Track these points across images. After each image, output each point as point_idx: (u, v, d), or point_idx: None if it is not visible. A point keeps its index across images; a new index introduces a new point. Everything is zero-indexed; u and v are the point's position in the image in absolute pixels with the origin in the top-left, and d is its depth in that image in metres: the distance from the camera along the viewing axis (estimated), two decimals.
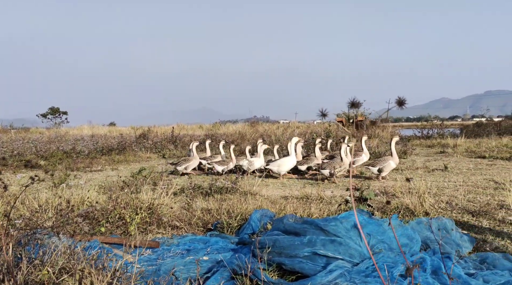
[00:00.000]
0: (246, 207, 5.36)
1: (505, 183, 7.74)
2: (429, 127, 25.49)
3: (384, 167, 8.57)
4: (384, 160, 8.70)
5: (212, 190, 7.15)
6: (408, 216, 5.43)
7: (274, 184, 8.83)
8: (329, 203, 6.25)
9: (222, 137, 18.77)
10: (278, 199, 6.54)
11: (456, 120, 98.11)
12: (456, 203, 6.10)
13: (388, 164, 8.55)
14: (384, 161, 8.65)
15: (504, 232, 4.65)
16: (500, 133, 21.05)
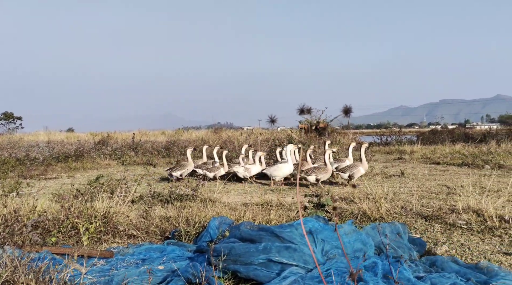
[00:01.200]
0: (205, 214, 5.31)
1: (456, 188, 8.07)
2: (388, 134, 26.30)
3: (354, 173, 8.70)
4: (354, 166, 8.84)
5: (172, 197, 7.03)
6: (365, 221, 5.55)
7: (235, 190, 8.80)
8: (289, 209, 6.29)
9: (185, 143, 18.55)
10: (238, 206, 6.52)
11: (413, 127, 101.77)
12: (411, 207, 6.28)
13: (358, 170, 8.70)
14: (354, 167, 8.79)
15: (454, 235, 4.84)
16: (453, 140, 21.99)
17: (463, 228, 5.12)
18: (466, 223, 5.29)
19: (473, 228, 5.07)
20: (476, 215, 5.53)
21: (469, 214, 5.55)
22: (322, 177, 8.75)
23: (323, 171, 8.77)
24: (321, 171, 8.77)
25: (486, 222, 5.20)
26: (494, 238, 4.69)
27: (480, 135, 23.06)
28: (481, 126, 46.53)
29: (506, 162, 12.04)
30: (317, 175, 8.71)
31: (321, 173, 8.73)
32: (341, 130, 30.05)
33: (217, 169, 10.14)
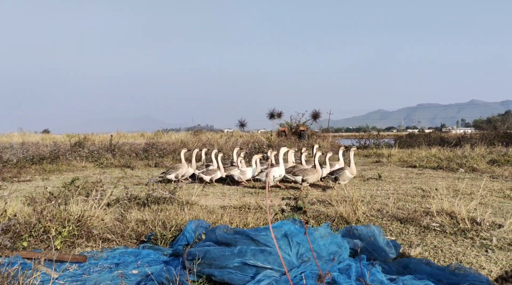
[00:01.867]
0: (182, 217, 5.26)
1: (431, 191, 8.24)
2: (367, 137, 26.68)
3: (339, 176, 8.72)
4: (340, 169, 8.88)
5: (149, 200, 6.95)
6: (342, 223, 5.60)
7: (214, 193, 8.76)
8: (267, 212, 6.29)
9: (163, 146, 18.38)
10: (216, 209, 6.49)
11: (392, 131, 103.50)
12: (387, 210, 6.37)
13: (344, 173, 8.69)
14: (340, 170, 8.82)
15: (427, 238, 4.93)
16: (429, 144, 22.44)
17: (436, 230, 5.22)
18: (439, 225, 5.39)
19: (446, 230, 5.18)
20: (450, 217, 5.65)
21: (442, 217, 5.66)
22: (309, 178, 8.76)
23: (310, 173, 8.78)
24: (308, 172, 8.79)
25: (459, 224, 5.32)
26: (466, 240, 4.80)
27: (455, 140, 23.60)
28: (456, 130, 47.65)
29: (479, 166, 12.34)
30: (304, 176, 8.73)
31: (309, 175, 8.75)
32: (320, 133, 30.33)
33: (214, 172, 10.10)
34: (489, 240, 4.73)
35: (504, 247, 4.48)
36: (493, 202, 7.31)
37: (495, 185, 9.23)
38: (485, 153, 15.80)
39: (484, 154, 15.45)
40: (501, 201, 7.44)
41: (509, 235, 4.85)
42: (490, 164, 13.12)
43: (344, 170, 8.76)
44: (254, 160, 9.91)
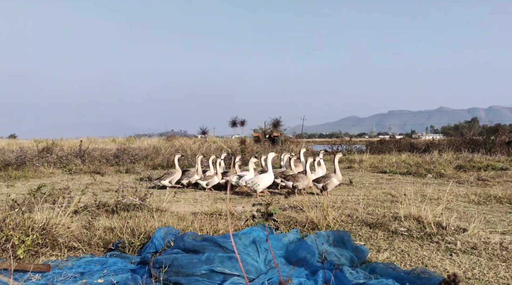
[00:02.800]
0: (151, 224, 5.17)
1: (400, 196, 8.41)
2: (339, 143, 27.06)
3: (327, 184, 8.69)
4: (327, 176, 8.81)
5: (118, 207, 6.82)
6: (313, 229, 5.64)
7: (186, 199, 8.67)
8: (239, 219, 6.27)
9: (135, 151, 18.09)
10: (187, 215, 6.41)
11: (364, 137, 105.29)
12: (357, 215, 6.46)
13: (331, 181, 8.67)
14: (327, 177, 8.76)
15: (395, 242, 5.02)
16: (400, 150, 22.96)
17: (404, 235, 5.33)
18: (407, 230, 5.50)
19: (413, 235, 5.29)
20: (417, 222, 5.78)
21: (410, 221, 5.78)
22: (299, 184, 8.72)
23: (301, 179, 8.74)
24: (299, 178, 8.76)
25: (425, 228, 5.44)
26: (432, 244, 4.91)
27: (424, 146, 24.23)
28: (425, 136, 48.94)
29: (446, 171, 12.69)
30: (294, 182, 8.72)
31: (299, 181, 8.73)
32: (294, 139, 30.57)
33: (211, 177, 10.04)
34: (453, 244, 4.86)
35: (468, 251, 4.61)
36: (458, 206, 7.53)
37: (461, 190, 9.51)
38: (452, 158, 16.27)
39: (451, 159, 15.91)
40: (466, 205, 7.67)
41: (473, 239, 5.00)
42: (457, 169, 13.53)
43: (331, 177, 8.70)
44: (251, 165, 9.72)
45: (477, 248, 4.68)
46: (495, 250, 4.59)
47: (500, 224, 6.15)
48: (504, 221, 6.32)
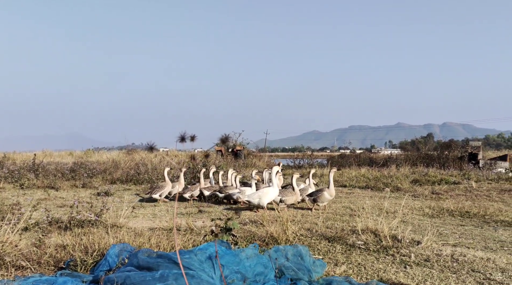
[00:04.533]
0: (106, 241, 4.99)
1: (359, 210, 8.58)
2: (301, 157, 27.40)
3: (318, 197, 8.66)
4: (319, 191, 8.81)
5: (72, 223, 6.55)
6: (272, 243, 5.63)
7: (144, 215, 8.46)
8: (198, 234, 6.17)
9: (93, 165, 17.54)
10: (145, 231, 6.25)
11: (325, 151, 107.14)
12: (316, 229, 6.52)
13: (322, 195, 8.63)
14: (319, 192, 8.77)
15: (353, 256, 5.09)
16: (359, 164, 23.51)
17: (361, 248, 5.41)
18: (364, 243, 5.60)
19: (370, 248, 5.39)
20: (374, 235, 5.89)
21: (367, 235, 5.89)
22: (288, 199, 8.67)
23: (289, 194, 8.70)
24: (287, 193, 8.71)
25: (382, 242, 5.56)
26: (387, 257, 5.02)
27: (382, 160, 24.94)
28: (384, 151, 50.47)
29: (402, 185, 13.09)
30: (283, 197, 8.68)
31: (287, 196, 8.68)
32: (257, 153, 30.65)
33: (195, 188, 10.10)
34: (408, 256, 4.99)
35: (421, 263, 4.74)
36: (413, 219, 7.76)
37: (416, 203, 9.83)
38: (409, 173, 16.82)
39: (408, 174, 16.44)
40: (421, 218, 7.92)
41: (426, 251, 5.15)
42: (413, 183, 13.99)
43: (323, 191, 8.69)
44: (254, 180, 9.60)
45: (430, 260, 4.83)
46: (447, 262, 4.74)
47: (452, 236, 6.39)
48: (456, 233, 6.57)
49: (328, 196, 8.65)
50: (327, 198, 8.68)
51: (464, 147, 22.92)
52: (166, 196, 10.39)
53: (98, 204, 8.32)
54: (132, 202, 9.66)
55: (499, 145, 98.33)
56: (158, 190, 10.11)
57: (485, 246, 5.73)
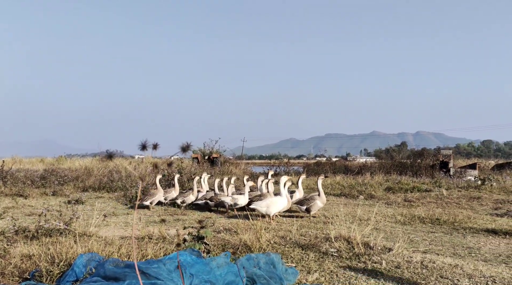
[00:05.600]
0: (74, 250, 4.86)
1: (333, 218, 8.65)
2: (277, 165, 27.48)
3: (311, 206, 8.65)
4: (311, 198, 8.76)
5: (40, 232, 6.35)
6: (246, 251, 5.60)
7: (116, 223, 8.29)
8: (171, 242, 6.08)
9: (65, 172, 17.11)
10: (116, 240, 6.11)
11: (302, 158, 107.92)
12: (290, 237, 6.51)
13: (315, 203, 8.64)
14: (311, 199, 8.72)
15: (325, 263, 5.10)
16: (334, 172, 23.75)
17: (334, 256, 5.44)
18: (337, 250, 5.63)
19: (342, 255, 5.42)
20: (347, 242, 5.93)
21: (340, 242, 5.92)
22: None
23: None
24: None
25: (354, 249, 5.60)
26: (359, 264, 5.06)
27: (357, 168, 25.27)
28: (359, 159, 51.22)
29: (376, 193, 13.28)
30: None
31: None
32: (234, 160, 30.59)
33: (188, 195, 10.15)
34: (379, 263, 5.04)
35: (392, 270, 4.79)
36: (385, 227, 7.87)
37: (389, 210, 9.98)
38: (383, 180, 17.09)
39: (382, 181, 16.70)
40: (393, 226, 8.04)
41: (397, 258, 5.22)
42: (386, 191, 14.22)
43: (315, 200, 8.68)
44: (247, 187, 9.63)
45: (400, 267, 4.89)
46: (417, 268, 4.81)
47: (422, 243, 6.50)
48: (426, 240, 6.69)
49: (320, 204, 8.75)
50: (319, 206, 8.77)
51: (435, 155, 23.45)
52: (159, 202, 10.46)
53: (68, 212, 8.11)
54: (103, 210, 9.45)
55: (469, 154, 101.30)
56: (149, 197, 10.11)
57: (454, 253, 5.85)
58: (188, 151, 2.05)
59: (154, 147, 2.04)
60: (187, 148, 2.04)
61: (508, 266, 5.09)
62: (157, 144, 2.06)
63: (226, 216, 9.27)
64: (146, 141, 2.07)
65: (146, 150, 2.10)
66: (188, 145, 2.04)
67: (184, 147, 2.03)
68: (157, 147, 2.05)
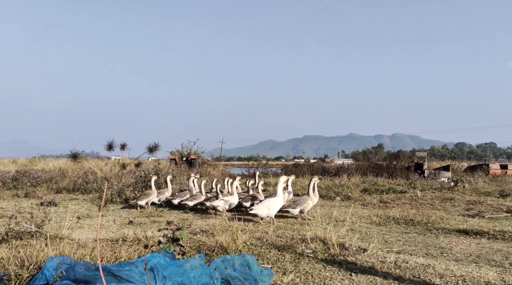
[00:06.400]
0: (45, 253, 4.74)
1: (310, 219, 8.70)
2: (256, 166, 27.50)
3: (304, 207, 8.70)
4: (304, 200, 8.80)
5: (10, 235, 6.17)
6: (222, 253, 5.57)
7: (90, 225, 8.13)
8: (146, 245, 6.00)
9: (38, 174, 16.69)
10: (89, 243, 5.99)
11: (280, 160, 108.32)
12: (267, 238, 6.52)
13: (308, 204, 8.75)
14: (304, 201, 8.76)
15: (301, 264, 5.13)
16: (312, 173, 23.92)
17: (310, 257, 5.47)
18: (313, 251, 5.66)
19: (318, 256, 5.45)
20: (323, 243, 5.97)
21: (316, 243, 5.96)
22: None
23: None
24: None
25: (330, 250, 5.65)
26: (334, 265, 5.10)
27: (334, 170, 25.54)
28: (337, 161, 51.79)
29: (353, 194, 13.44)
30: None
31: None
32: (212, 162, 30.47)
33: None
34: (354, 264, 5.09)
35: (366, 271, 4.85)
36: (361, 227, 7.96)
37: (364, 212, 10.11)
38: (359, 182, 17.31)
39: (358, 183, 16.92)
40: (368, 226, 8.15)
41: (371, 259, 5.28)
42: (363, 192, 14.41)
43: (307, 201, 8.78)
44: (234, 187, 9.72)
45: (374, 267, 4.95)
46: (390, 268, 4.88)
47: (396, 243, 6.61)
48: (400, 241, 6.80)
49: (312, 204, 8.99)
50: (311, 205, 9.02)
51: (411, 157, 23.91)
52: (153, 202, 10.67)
53: (40, 214, 7.92)
54: (77, 212, 9.26)
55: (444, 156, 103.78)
56: (145, 197, 10.38)
57: (427, 253, 5.97)
58: (155, 151, 2.02)
59: (122, 147, 2.00)
60: (155, 148, 2.01)
61: (478, 266, 5.22)
62: (125, 144, 2.02)
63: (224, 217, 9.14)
64: (112, 141, 2.02)
65: (113, 150, 2.05)
66: (156, 145, 2.00)
67: (151, 147, 2.00)
68: (124, 147, 2.01)
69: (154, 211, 10.15)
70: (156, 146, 1.98)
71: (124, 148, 2.00)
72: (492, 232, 7.39)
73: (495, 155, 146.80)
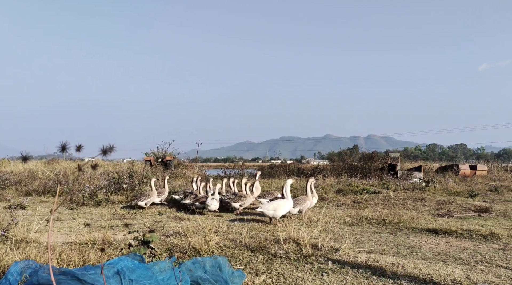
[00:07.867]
0: (9, 258, 4.59)
1: (283, 220, 8.73)
2: (232, 167, 27.43)
3: (303, 208, 8.88)
4: (302, 200, 8.91)
5: None
6: (194, 255, 5.52)
7: (60, 228, 7.94)
8: (117, 248, 5.89)
9: (6, 176, 16.18)
10: (57, 246, 5.84)
11: (257, 161, 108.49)
12: (240, 240, 6.50)
13: (306, 205, 8.93)
14: (302, 201, 8.87)
15: (273, 265, 5.14)
16: (288, 174, 24.05)
17: (282, 257, 5.48)
18: (285, 252, 5.68)
19: (291, 257, 5.48)
20: (295, 244, 6.00)
21: (289, 244, 5.98)
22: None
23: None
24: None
25: (302, 250, 5.68)
26: (306, 265, 5.13)
27: (310, 170, 25.73)
28: (313, 162, 52.30)
29: (327, 195, 13.56)
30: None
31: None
32: (188, 163, 30.22)
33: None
34: (326, 264, 5.14)
35: (337, 270, 4.90)
36: (334, 228, 8.05)
37: (338, 212, 10.22)
38: (334, 183, 17.48)
39: (333, 184, 17.08)
40: (341, 227, 8.23)
41: (343, 258, 5.34)
42: (337, 193, 14.56)
43: (305, 201, 8.94)
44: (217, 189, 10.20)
45: (345, 267, 5.01)
46: (361, 268, 4.95)
47: (368, 243, 6.70)
48: (372, 241, 6.90)
49: (309, 204, 9.15)
50: (309, 205, 9.17)
51: (384, 158, 24.32)
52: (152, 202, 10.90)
53: (6, 217, 7.68)
54: (47, 215, 9.02)
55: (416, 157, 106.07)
56: (145, 198, 10.60)
57: (397, 252, 6.08)
58: (110, 153, 1.98)
59: (77, 148, 1.96)
60: (110, 149, 1.97)
61: (446, 264, 5.35)
62: (80, 146, 1.97)
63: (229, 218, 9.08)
64: (65, 143, 1.97)
65: (66, 152, 2.01)
66: (111, 146, 1.97)
67: (106, 149, 1.96)
68: (80, 149, 1.96)
69: (127, 213, 10.00)
70: (111, 147, 1.94)
71: (79, 149, 1.95)
72: (460, 231, 7.58)
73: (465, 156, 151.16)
